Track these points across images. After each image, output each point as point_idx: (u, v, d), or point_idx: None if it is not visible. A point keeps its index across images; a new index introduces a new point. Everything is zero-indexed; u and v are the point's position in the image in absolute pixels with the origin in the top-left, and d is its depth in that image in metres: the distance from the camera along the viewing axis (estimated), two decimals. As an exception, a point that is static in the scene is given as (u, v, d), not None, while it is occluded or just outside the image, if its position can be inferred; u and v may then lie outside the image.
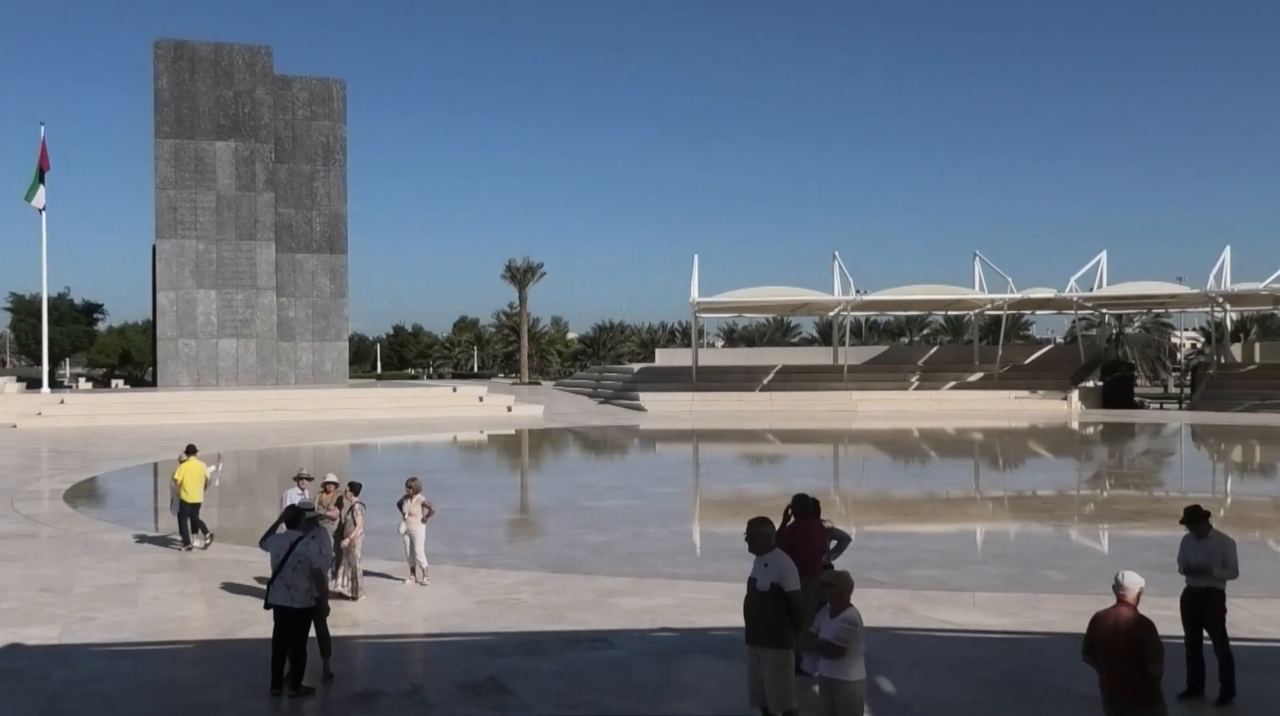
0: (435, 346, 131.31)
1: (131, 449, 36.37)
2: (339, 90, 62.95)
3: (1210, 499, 25.72)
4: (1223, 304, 64.53)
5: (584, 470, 36.47)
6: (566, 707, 9.69)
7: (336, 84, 63.11)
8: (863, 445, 44.30)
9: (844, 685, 7.66)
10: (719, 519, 23.37)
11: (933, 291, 66.87)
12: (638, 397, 62.19)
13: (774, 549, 8.65)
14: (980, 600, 14.09)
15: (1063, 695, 9.96)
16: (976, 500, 27.44)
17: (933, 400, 62.25)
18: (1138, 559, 17.24)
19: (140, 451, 34.82)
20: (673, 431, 49.77)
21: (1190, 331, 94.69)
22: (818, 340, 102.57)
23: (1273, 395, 57.14)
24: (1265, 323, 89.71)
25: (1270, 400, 56.50)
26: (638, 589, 14.76)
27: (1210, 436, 46.39)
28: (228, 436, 41.32)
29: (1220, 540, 9.99)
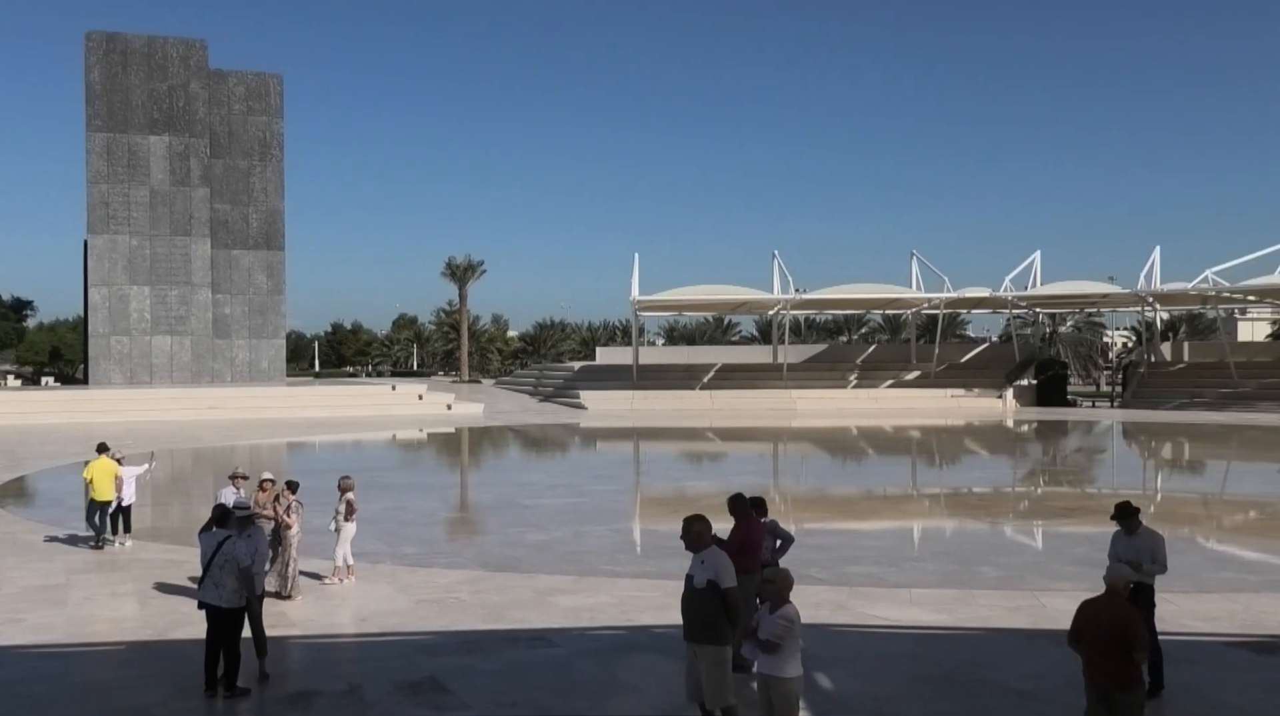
0: (374, 344, 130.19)
1: (62, 448, 35.68)
2: (276, 85, 62.21)
3: (1140, 495, 26.19)
4: (1153, 303, 65.81)
5: (524, 468, 36.36)
6: (505, 706, 9.66)
7: (273, 79, 62.37)
8: (802, 443, 44.60)
9: (780, 681, 7.72)
10: (659, 517, 23.39)
11: (871, 290, 67.52)
12: (578, 396, 62.14)
13: (710, 546, 8.67)
14: (917, 596, 14.25)
15: (997, 689, 10.10)
16: (914, 497, 27.73)
17: (871, 398, 62.84)
18: (1070, 555, 17.56)
19: (71, 450, 34.15)
20: (613, 429, 49.78)
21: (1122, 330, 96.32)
22: (757, 339, 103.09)
23: (1201, 393, 58.41)
24: (1194, 322, 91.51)
25: (1198, 398, 57.74)
26: (578, 587, 14.75)
27: (1141, 434, 47.28)
28: (162, 435, 40.68)
29: (1150, 536, 10.17)
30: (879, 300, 72.00)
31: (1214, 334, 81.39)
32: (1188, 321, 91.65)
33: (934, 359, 67.40)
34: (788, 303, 66.23)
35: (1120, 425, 51.37)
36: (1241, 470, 34.77)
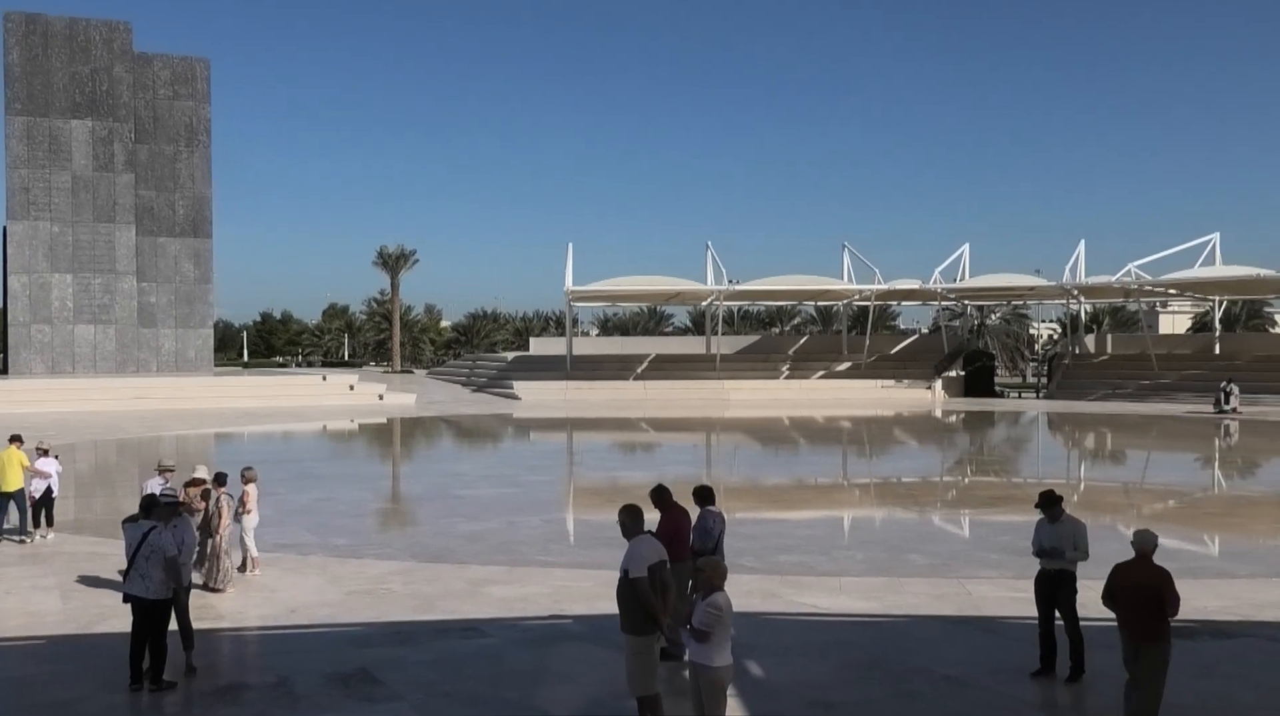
0: (304, 334, 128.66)
1: (-20, 439, 34.85)
2: (202, 70, 61.07)
3: (1064, 484, 26.71)
4: (1077, 296, 66.99)
5: (457, 459, 36.18)
6: (437, 696, 9.63)
7: (200, 63, 61.22)
8: (734, 433, 44.86)
9: (708, 670, 7.79)
10: (593, 507, 23.43)
11: (803, 282, 68.04)
12: (512, 386, 61.93)
13: (637, 536, 8.74)
14: (846, 584, 14.42)
15: (924, 674, 10.26)
16: (844, 487, 28.04)
17: (802, 389, 63.35)
18: (996, 543, 17.88)
19: (-10, 441, 33.37)
20: (547, 420, 49.72)
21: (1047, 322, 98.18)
22: (691, 329, 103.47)
23: (1123, 385, 59.62)
24: (1117, 314, 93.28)
25: (1121, 389, 58.93)
26: (510, 577, 14.74)
27: (1065, 424, 48.18)
28: (86, 425, 39.90)
29: (1072, 524, 10.39)
30: (811, 292, 72.55)
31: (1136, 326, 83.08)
32: (1111, 314, 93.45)
33: (865, 350, 68.09)
34: (721, 294, 66.52)
35: (1045, 416, 52.29)
36: (1161, 460, 35.60)
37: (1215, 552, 18.59)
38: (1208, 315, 77.36)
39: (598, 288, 66.60)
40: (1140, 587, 8.52)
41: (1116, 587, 8.76)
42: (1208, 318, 77.76)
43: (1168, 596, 8.44)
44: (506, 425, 47.78)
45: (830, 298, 74.37)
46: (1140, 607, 8.50)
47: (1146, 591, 8.48)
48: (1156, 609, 8.45)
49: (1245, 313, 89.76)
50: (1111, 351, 69.55)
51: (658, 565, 8.57)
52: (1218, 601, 13.32)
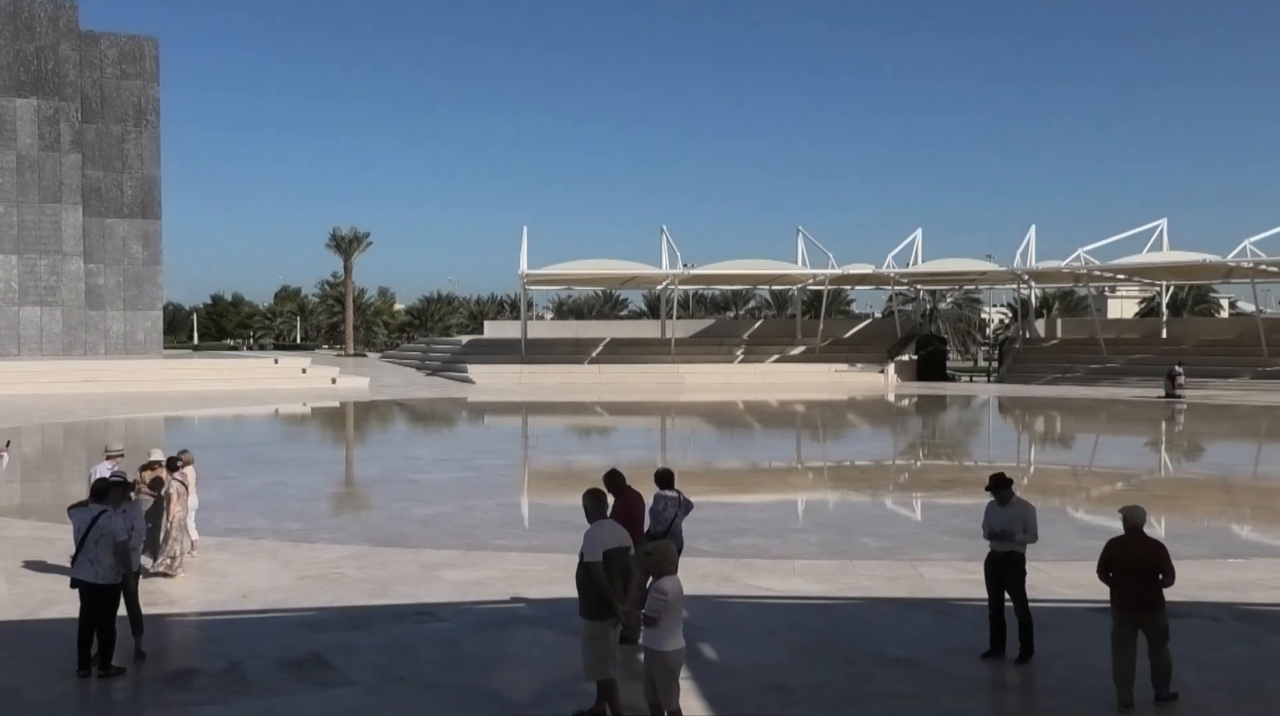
0: (256, 317, 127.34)
1: (-77, 422, 34.26)
2: (151, 49, 60.11)
3: (1014, 467, 27.01)
4: (1028, 281, 67.68)
5: (411, 443, 36.02)
6: (391, 681, 9.60)
7: (149, 42, 60.25)
8: (689, 417, 45.00)
9: (657, 654, 7.82)
10: (547, 491, 23.44)
11: (757, 267, 68.24)
12: (466, 370, 61.69)
13: (598, 519, 8.77)
14: (800, 567, 14.52)
15: (875, 656, 10.36)
16: (798, 471, 28.21)
17: (757, 373, 63.59)
18: (947, 526, 18.06)
19: (-67, 425, 32.81)
20: (501, 403, 49.61)
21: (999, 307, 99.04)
22: (646, 313, 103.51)
23: (1072, 368, 60.39)
24: (1066, 299, 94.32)
25: (1070, 373, 59.69)
26: (465, 561, 14.70)
27: (1015, 408, 48.73)
28: (31, 408, 39.30)
29: (1022, 506, 10.50)
30: (766, 276, 72.80)
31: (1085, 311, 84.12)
32: (1061, 299, 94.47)
33: (819, 334, 68.44)
34: (676, 278, 66.58)
35: (996, 399, 52.86)
36: (1109, 443, 36.10)
37: (1160, 534, 18.85)
38: (1155, 300, 78.43)
39: (553, 271, 66.44)
40: (1139, 560, 8.94)
41: (1114, 561, 9.10)
42: (1155, 302, 78.85)
43: (1165, 566, 8.91)
44: (461, 409, 47.62)
45: (785, 282, 74.68)
46: (1139, 579, 8.91)
47: (1145, 563, 8.93)
48: (1154, 579, 8.91)
49: (1192, 297, 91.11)
50: (1061, 335, 70.38)
51: (616, 550, 8.58)
52: (1163, 582, 13.53)
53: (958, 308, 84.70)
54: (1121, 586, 9.03)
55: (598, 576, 8.38)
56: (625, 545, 8.70)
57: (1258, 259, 55.26)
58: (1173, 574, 8.97)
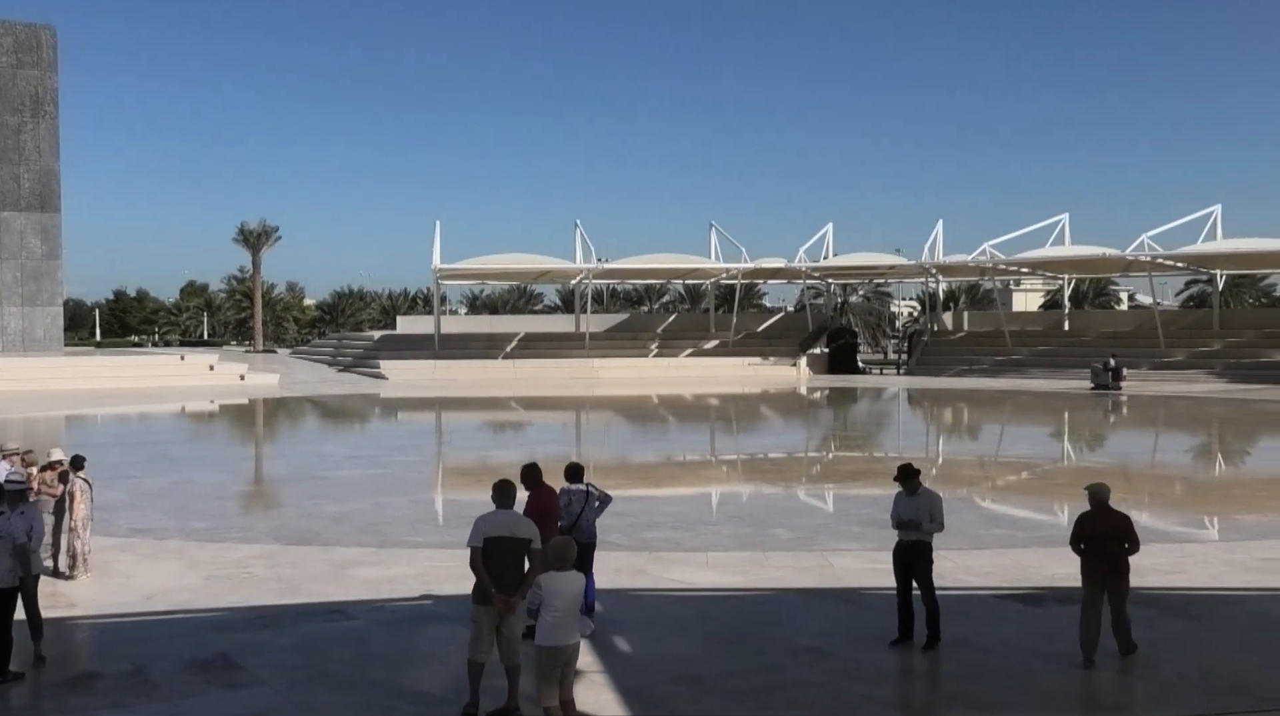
0: (161, 312, 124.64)
1: None
2: (48, 37, 58.42)
3: (923, 458, 27.49)
4: (935, 275, 68.90)
5: (322, 439, 35.57)
6: (301, 681, 9.49)
7: (45, 30, 58.55)
8: (604, 411, 45.05)
9: (536, 648, 7.88)
10: (462, 487, 23.30)
11: (671, 260, 68.51)
12: (378, 365, 61.08)
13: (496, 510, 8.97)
14: (712, 559, 14.63)
15: (785, 646, 10.48)
16: (712, 463, 28.42)
17: (671, 367, 63.87)
18: (857, 516, 18.33)
19: None
20: (415, 399, 49.19)
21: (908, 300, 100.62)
22: (560, 308, 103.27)
23: (979, 360, 61.63)
24: (972, 292, 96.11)
25: (977, 365, 60.91)
26: (377, 559, 14.57)
27: (924, 399, 49.60)
28: (-77, 409, 38.02)
29: (929, 496, 10.69)
30: (679, 270, 73.12)
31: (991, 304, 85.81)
32: (968, 292, 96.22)
33: (732, 328, 68.94)
34: (590, 272, 66.60)
35: (905, 391, 53.75)
36: (1014, 433, 36.91)
37: (1063, 521, 19.35)
38: (1058, 293, 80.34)
39: (466, 266, 66.06)
40: (1109, 531, 9.90)
41: (1086, 534, 10.00)
42: (1058, 295, 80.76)
43: (1131, 536, 9.92)
44: (373, 405, 47.14)
45: (698, 276, 75.07)
46: (1107, 548, 9.87)
47: (1113, 533, 9.89)
48: (1121, 548, 9.89)
49: (1093, 290, 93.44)
50: (968, 328, 71.77)
51: (502, 538, 8.65)
52: (1064, 568, 13.80)
53: (868, 301, 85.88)
54: (1092, 555, 9.92)
55: (472, 562, 8.60)
56: (515, 535, 8.69)
57: (1155, 253, 56.93)
58: (1138, 542, 9.97)
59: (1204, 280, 75.30)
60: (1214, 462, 28.98)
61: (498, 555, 8.60)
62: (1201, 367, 55.08)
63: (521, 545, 8.68)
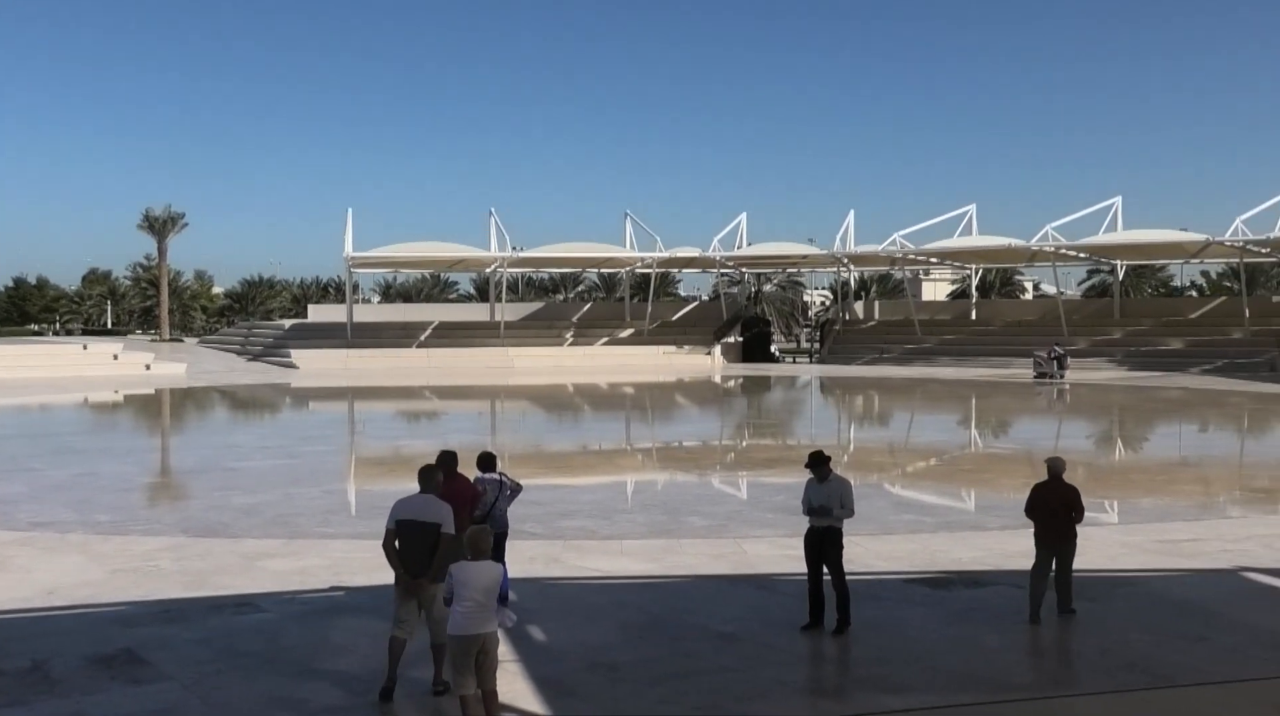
0: (63, 300, 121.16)
1: None
2: (-58, 14, 56.53)
3: (834, 445, 27.85)
4: (847, 264, 69.80)
5: (231, 430, 34.96)
6: (209, 675, 9.33)
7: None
8: (519, 400, 44.93)
9: (450, 637, 7.86)
10: (375, 477, 23.10)
11: (586, 249, 68.52)
12: (289, 354, 60.18)
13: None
14: (627, 547, 14.69)
15: (700, 632, 10.57)
16: (627, 452, 28.50)
17: (586, 355, 63.89)
18: (770, 503, 18.52)
19: None
20: (326, 389, 48.57)
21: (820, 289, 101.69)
22: (475, 296, 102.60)
23: (889, 349, 62.62)
24: (883, 282, 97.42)
25: (887, 354, 61.88)
26: (287, 550, 14.37)
27: (836, 387, 50.25)
28: None
29: (839, 482, 10.83)
30: (594, 259, 73.17)
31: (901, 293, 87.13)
32: (879, 281, 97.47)
33: (647, 317, 69.15)
34: (505, 261, 66.29)
35: (818, 379, 54.40)
36: (923, 421, 37.59)
37: (970, 507, 19.81)
38: (966, 282, 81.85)
39: (379, 254, 65.39)
40: (1060, 501, 10.85)
41: (1038, 501, 11.00)
42: (966, 285, 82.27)
43: (1077, 506, 10.88)
44: (284, 395, 46.46)
45: (613, 265, 75.18)
46: (1057, 516, 10.82)
47: (1064, 503, 10.84)
48: (1069, 516, 10.83)
49: (999, 280, 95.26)
50: (879, 317, 72.84)
51: (411, 522, 8.81)
52: (970, 552, 14.21)
53: (782, 290, 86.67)
54: (1045, 522, 10.88)
55: (384, 543, 8.91)
56: (426, 520, 8.80)
57: (1058, 243, 58.31)
58: (1083, 512, 10.99)
59: (1105, 270, 77.24)
60: (1114, 448, 29.81)
61: (407, 538, 8.79)
62: (1102, 356, 56.58)
63: (431, 529, 8.76)
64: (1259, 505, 19.50)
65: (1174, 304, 72.91)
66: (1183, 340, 57.74)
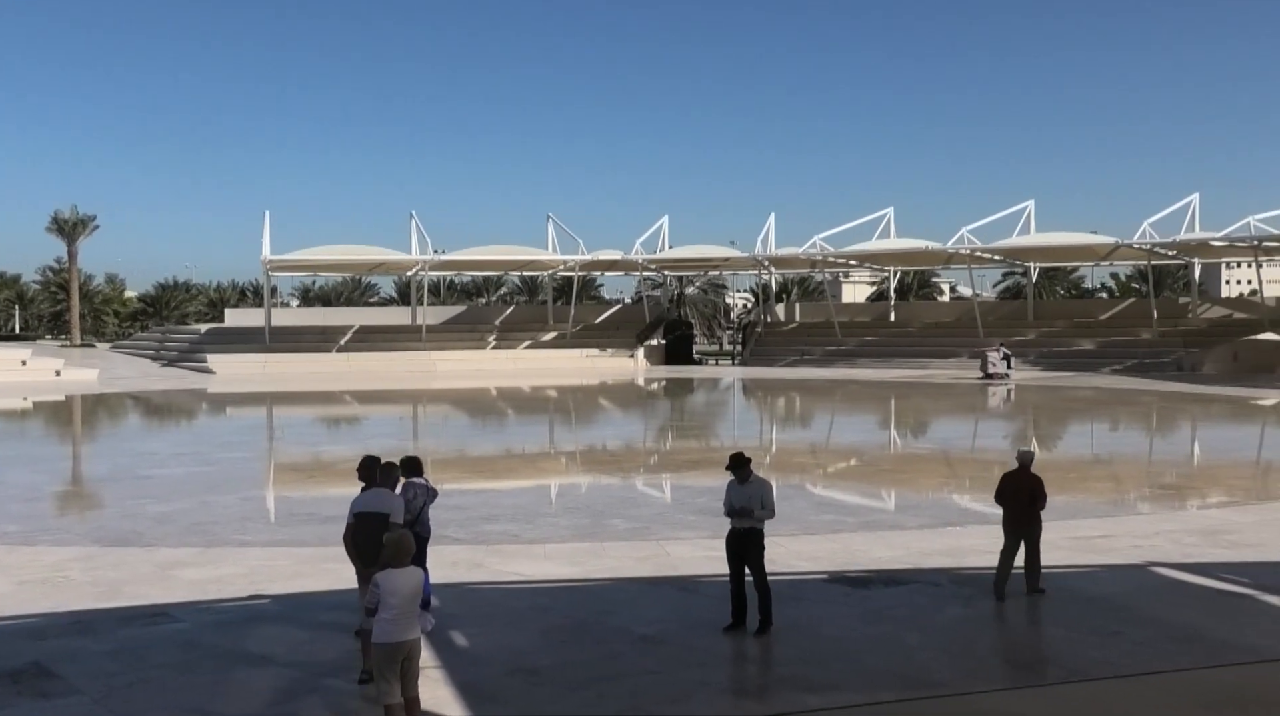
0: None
1: None
2: None
3: (756, 447, 28.03)
4: (768, 267, 70.37)
5: (145, 437, 34.22)
6: (121, 687, 9.11)
7: None
8: (441, 404, 44.60)
9: (374, 645, 7.78)
10: (294, 483, 22.76)
11: (509, 252, 68.26)
12: (205, 359, 59.16)
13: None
14: (550, 551, 14.64)
15: (623, 635, 10.56)
16: (551, 455, 28.41)
17: (509, 359, 63.62)
18: (693, 505, 18.57)
19: None
20: (244, 394, 47.75)
21: (742, 292, 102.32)
22: (396, 300, 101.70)
23: (810, 350, 63.24)
24: (804, 284, 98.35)
25: (808, 355, 62.47)
26: (203, 559, 14.10)
27: (758, 389, 50.59)
28: None
29: (760, 483, 10.90)
30: (517, 262, 72.92)
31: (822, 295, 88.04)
32: (799, 284, 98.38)
33: (570, 320, 69.06)
34: (426, 264, 65.80)
35: (740, 381, 54.74)
36: (843, 422, 38.00)
37: (890, 506, 20.06)
38: (885, 284, 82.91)
39: (297, 257, 64.54)
40: (1023, 488, 11.83)
41: (1006, 489, 11.95)
42: (885, 287, 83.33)
43: (1040, 494, 11.85)
44: (200, 400, 45.62)
45: (536, 268, 75.03)
46: (1023, 503, 11.75)
47: (1027, 491, 11.82)
48: (1033, 502, 11.75)
49: (917, 282, 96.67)
50: (800, 319, 73.52)
51: (368, 514, 9.49)
52: (889, 551, 14.39)
53: (704, 293, 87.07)
54: (1010, 509, 11.81)
55: (344, 536, 9.54)
56: (380, 511, 9.50)
57: (974, 246, 59.37)
58: (1045, 499, 11.91)
59: (1019, 273, 78.72)
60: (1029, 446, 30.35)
61: (363, 529, 9.44)
62: (1017, 356, 57.64)
63: (382, 519, 9.38)
64: (1167, 501, 20.03)
65: (1085, 305, 74.53)
66: (1094, 341, 59.11)
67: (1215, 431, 33.37)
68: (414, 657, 7.86)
